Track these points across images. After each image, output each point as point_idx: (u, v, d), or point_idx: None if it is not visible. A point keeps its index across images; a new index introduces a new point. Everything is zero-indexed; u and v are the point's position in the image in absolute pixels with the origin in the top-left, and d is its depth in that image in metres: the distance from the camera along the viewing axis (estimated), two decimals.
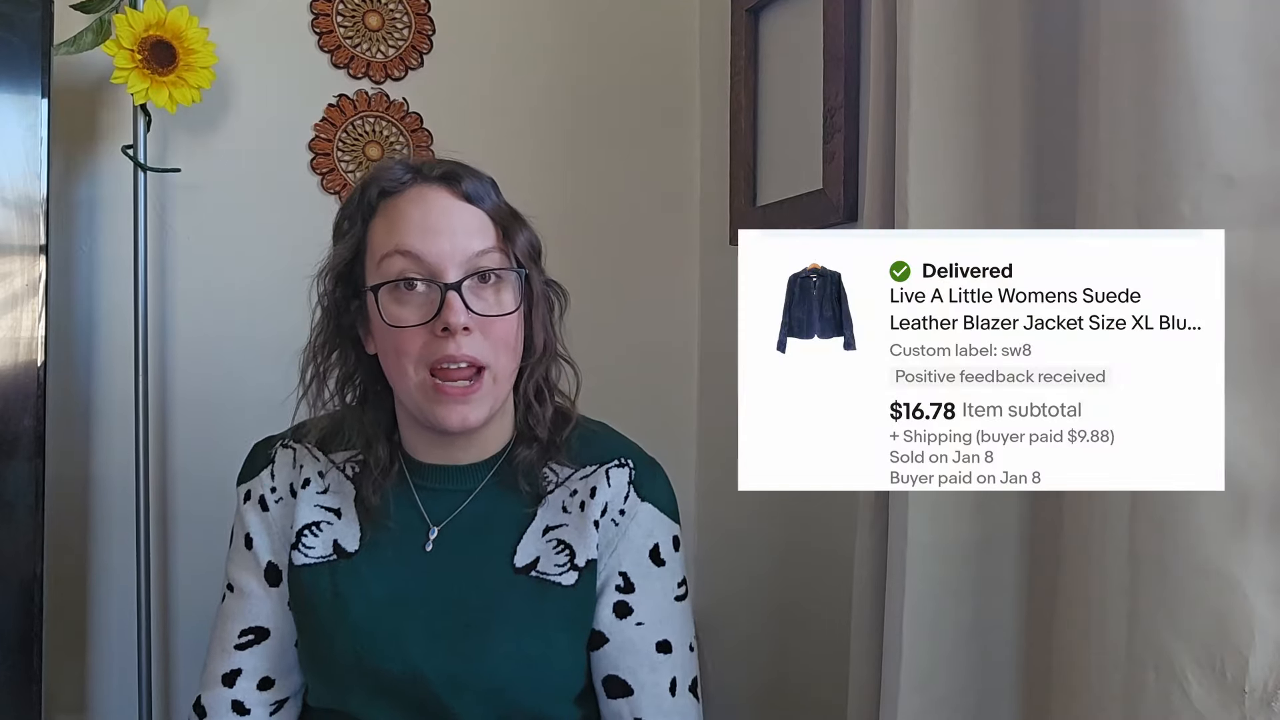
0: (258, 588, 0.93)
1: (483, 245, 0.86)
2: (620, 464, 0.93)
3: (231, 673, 0.92)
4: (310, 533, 0.91)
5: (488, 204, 0.88)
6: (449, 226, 0.85)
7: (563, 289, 0.96)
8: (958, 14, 0.86)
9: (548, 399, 0.94)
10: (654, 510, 0.92)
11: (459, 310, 0.82)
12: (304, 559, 0.91)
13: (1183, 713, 0.66)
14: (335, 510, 0.92)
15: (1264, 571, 0.64)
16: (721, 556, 1.60)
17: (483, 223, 0.87)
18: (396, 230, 0.85)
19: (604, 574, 0.90)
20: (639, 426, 1.05)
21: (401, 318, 0.84)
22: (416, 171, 0.88)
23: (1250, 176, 0.64)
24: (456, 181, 0.87)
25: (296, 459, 0.95)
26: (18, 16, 1.15)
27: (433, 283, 0.83)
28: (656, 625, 0.91)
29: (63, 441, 1.33)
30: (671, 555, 0.93)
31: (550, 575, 0.89)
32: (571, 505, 0.91)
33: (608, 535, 0.90)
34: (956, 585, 0.88)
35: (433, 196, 0.86)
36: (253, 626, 0.93)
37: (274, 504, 0.94)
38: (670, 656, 0.91)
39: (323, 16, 1.47)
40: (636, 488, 0.92)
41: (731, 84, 1.53)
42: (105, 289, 1.38)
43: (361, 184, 0.90)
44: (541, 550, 0.89)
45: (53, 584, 1.15)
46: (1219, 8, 0.65)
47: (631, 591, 0.90)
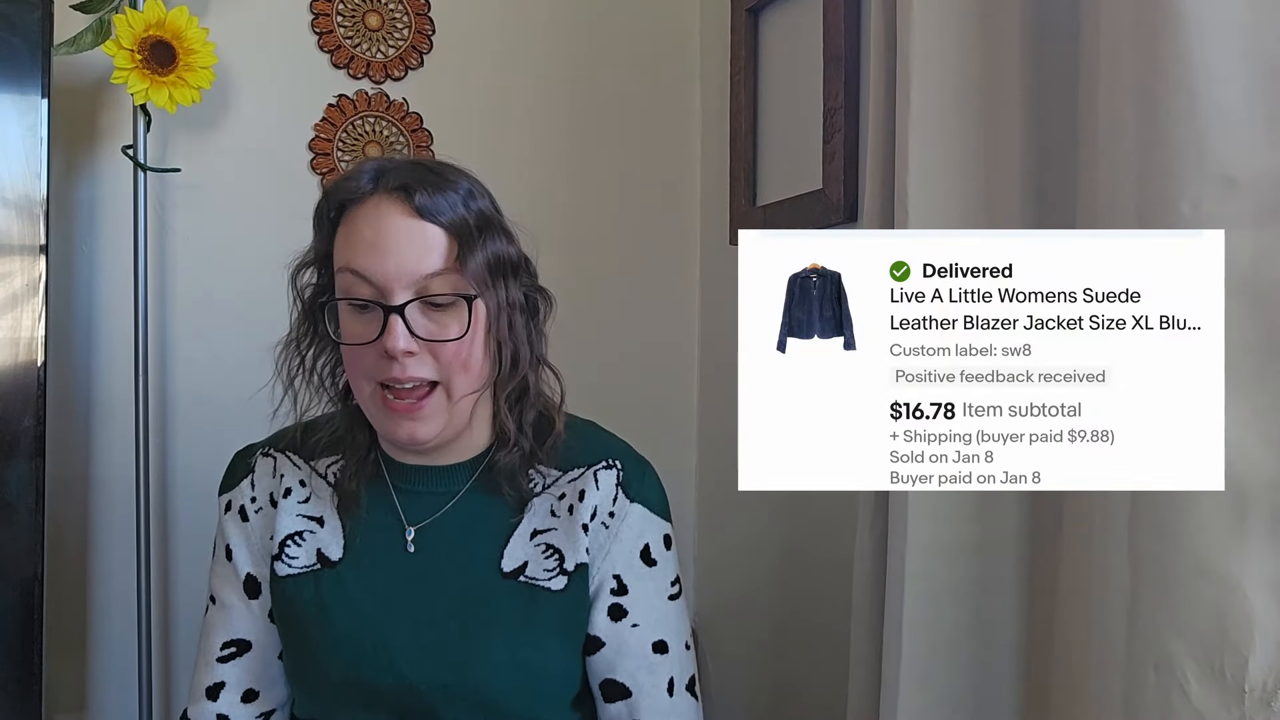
0: (237, 600, 0.92)
1: (433, 266, 0.81)
2: (608, 465, 0.91)
3: (215, 685, 0.92)
4: (293, 543, 0.90)
5: (445, 218, 0.82)
6: (397, 246, 0.81)
7: (549, 294, 0.92)
8: (958, 14, 0.86)
9: (529, 405, 0.91)
10: (644, 510, 0.91)
11: (400, 335, 0.80)
12: (287, 569, 0.89)
13: (1183, 712, 0.66)
14: (318, 519, 0.91)
15: (1264, 571, 0.64)
16: (721, 556, 1.60)
17: (436, 241, 0.82)
18: (349, 246, 0.83)
19: (596, 578, 0.89)
20: (639, 427, 1.05)
21: (353, 334, 0.83)
22: (378, 179, 0.83)
23: (1250, 176, 0.64)
24: (411, 195, 0.81)
25: (277, 468, 0.93)
26: (18, 16, 1.15)
27: (378, 305, 0.81)
28: (652, 626, 0.90)
29: (63, 441, 1.33)
30: (663, 554, 0.92)
31: (540, 580, 0.87)
32: (560, 509, 0.90)
33: (598, 539, 0.89)
34: (956, 585, 0.88)
35: (385, 212, 0.81)
36: (234, 639, 0.92)
37: (254, 514, 0.92)
38: (667, 656, 0.90)
39: (323, 16, 1.47)
40: (625, 489, 0.91)
41: (731, 84, 1.53)
42: (105, 289, 1.38)
43: (325, 192, 0.87)
44: (530, 555, 0.88)
45: (53, 584, 1.15)
46: (1219, 8, 0.65)
47: (625, 594, 0.89)
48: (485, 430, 0.92)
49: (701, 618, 1.63)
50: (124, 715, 1.37)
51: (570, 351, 1.01)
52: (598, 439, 0.96)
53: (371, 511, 0.90)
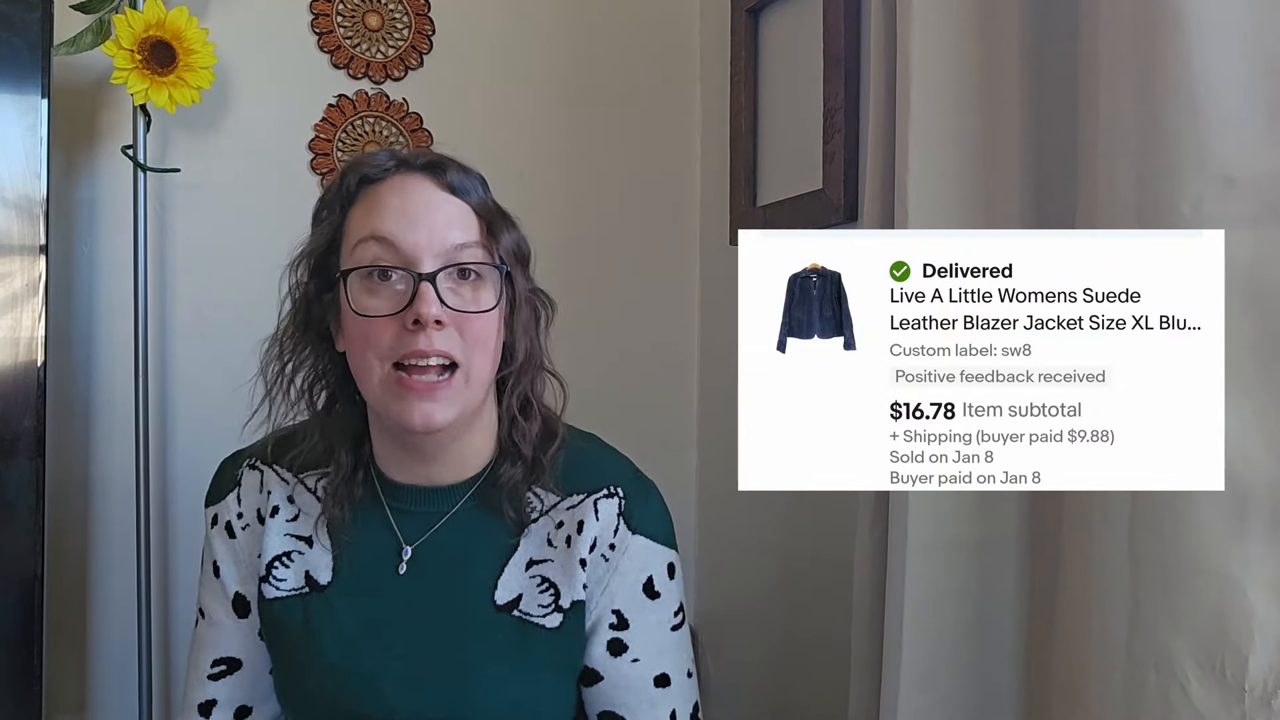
0: (226, 618, 0.90)
1: (463, 239, 0.80)
2: (609, 494, 0.86)
3: (207, 703, 0.90)
4: (281, 564, 0.87)
5: (473, 198, 0.83)
6: (429, 216, 0.80)
7: (550, 299, 0.90)
8: (958, 14, 0.86)
9: (534, 413, 0.88)
10: (646, 542, 0.87)
11: (431, 301, 0.76)
12: (275, 592, 0.87)
13: (1183, 712, 0.66)
14: (306, 539, 0.87)
15: (1264, 571, 0.64)
16: (722, 556, 1.60)
17: (466, 216, 0.82)
18: (373, 216, 0.80)
19: (595, 613, 0.85)
20: (639, 428, 1.05)
21: (371, 307, 0.78)
22: (401, 161, 0.83)
23: (1250, 176, 0.64)
24: (441, 171, 0.82)
25: (264, 483, 0.90)
26: (18, 16, 1.15)
27: (406, 272, 0.78)
28: (653, 660, 0.86)
29: (63, 441, 1.33)
30: (666, 585, 0.87)
31: (533, 617, 0.84)
32: (557, 539, 0.85)
33: (597, 572, 0.85)
34: (956, 585, 0.88)
35: (414, 185, 0.81)
36: (224, 657, 0.90)
37: (240, 530, 0.89)
38: (669, 690, 0.87)
39: (323, 17, 1.47)
40: (626, 519, 0.86)
41: (731, 84, 1.53)
42: (105, 289, 1.38)
43: (343, 171, 0.85)
44: (524, 587, 0.84)
45: (53, 584, 1.15)
46: (1219, 8, 0.65)
47: (626, 628, 0.86)
48: (487, 443, 0.88)
49: (701, 618, 1.63)
50: (124, 715, 1.37)
51: (570, 352, 1.01)
52: (599, 459, 0.91)
53: (364, 532, 0.87)
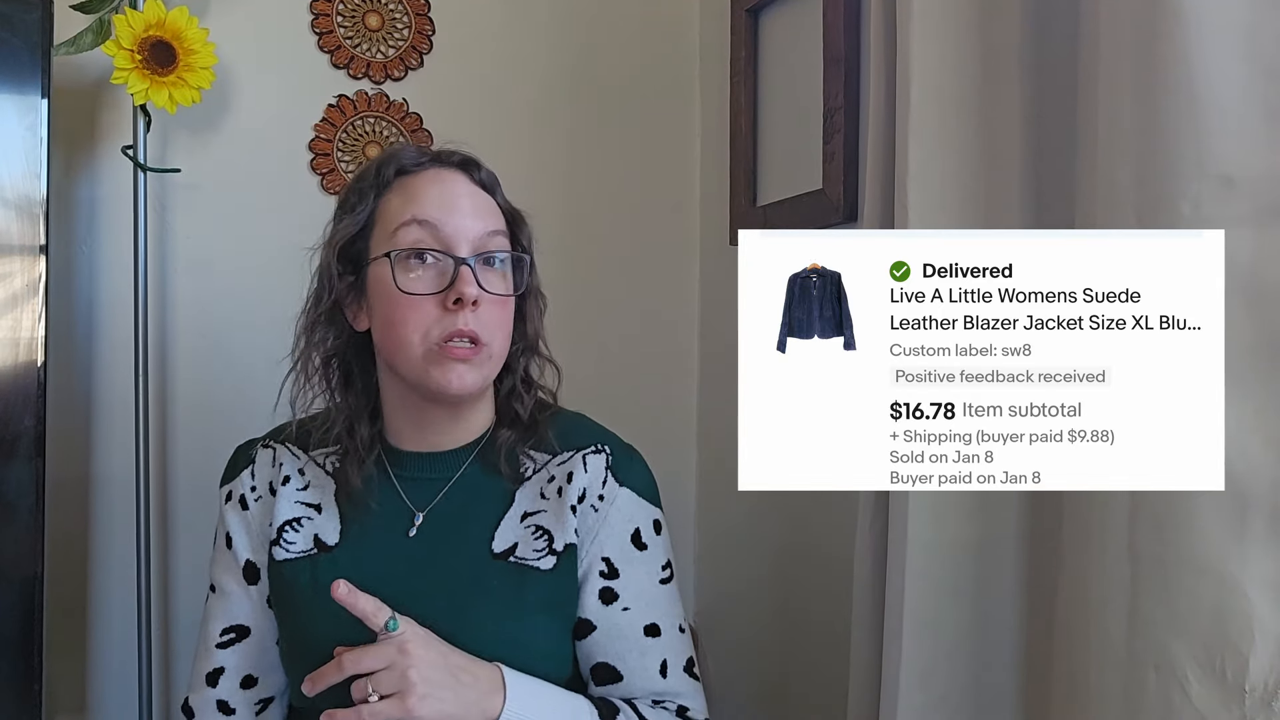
0: (236, 587, 0.94)
1: (493, 227, 0.90)
2: (597, 450, 0.94)
3: (215, 671, 0.93)
4: (291, 528, 0.92)
5: (498, 195, 0.94)
6: (465, 206, 0.89)
7: (542, 294, 0.99)
8: (958, 14, 0.86)
9: (533, 387, 0.98)
10: (633, 495, 0.93)
11: (471, 283, 0.85)
12: (285, 554, 0.91)
13: (1183, 712, 0.66)
14: (315, 505, 0.93)
15: (1264, 571, 0.64)
16: (722, 556, 1.60)
17: (493, 209, 0.92)
18: (415, 202, 0.88)
19: (586, 561, 0.91)
20: (639, 427, 1.05)
21: (415, 286, 0.86)
22: (435, 155, 0.93)
23: (1250, 176, 0.64)
24: (475, 169, 0.93)
25: (276, 457, 0.96)
26: (18, 16, 1.14)
27: (447, 255, 0.86)
28: (643, 609, 0.91)
29: (63, 441, 1.33)
30: (653, 539, 0.93)
31: (529, 560, 0.89)
32: (549, 491, 0.92)
33: (587, 521, 0.91)
34: (956, 585, 0.88)
35: (450, 178, 0.91)
36: (233, 625, 0.94)
37: (254, 502, 0.95)
38: (659, 639, 0.91)
39: (323, 16, 1.47)
40: (614, 473, 0.93)
41: (731, 84, 1.53)
42: (105, 289, 1.38)
43: (377, 162, 0.93)
44: (520, 536, 0.90)
45: (53, 584, 1.15)
46: (1219, 8, 0.65)
47: (615, 577, 0.91)
48: (487, 412, 0.96)
49: (701, 617, 1.63)
50: (124, 715, 1.37)
51: (570, 351, 1.01)
52: (587, 426, 0.98)
53: (374, 500, 0.92)
